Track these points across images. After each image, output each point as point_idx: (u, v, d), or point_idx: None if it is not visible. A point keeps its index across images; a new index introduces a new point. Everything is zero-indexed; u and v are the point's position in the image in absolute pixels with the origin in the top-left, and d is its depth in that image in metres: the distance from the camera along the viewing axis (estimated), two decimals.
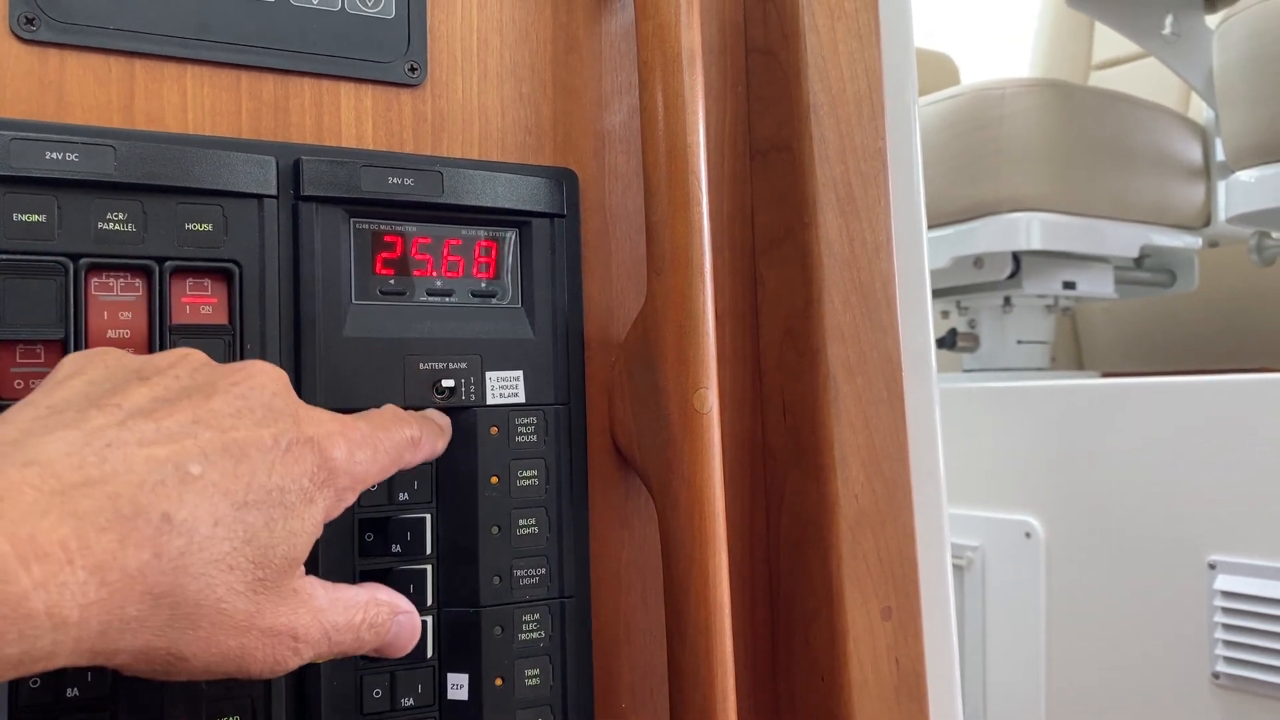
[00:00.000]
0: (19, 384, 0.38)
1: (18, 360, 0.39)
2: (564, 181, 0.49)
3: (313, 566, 0.41)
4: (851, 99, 0.52)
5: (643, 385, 0.47)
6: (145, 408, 0.32)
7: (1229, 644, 1.29)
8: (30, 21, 0.40)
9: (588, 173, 0.51)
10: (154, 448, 0.31)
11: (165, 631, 0.31)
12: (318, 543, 0.36)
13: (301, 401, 0.37)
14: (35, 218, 0.39)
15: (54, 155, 0.39)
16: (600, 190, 0.51)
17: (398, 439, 0.39)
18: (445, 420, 0.45)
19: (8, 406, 0.38)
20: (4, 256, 0.38)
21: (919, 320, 0.56)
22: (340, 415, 0.38)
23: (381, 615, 0.38)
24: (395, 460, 0.39)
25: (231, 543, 0.32)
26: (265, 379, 0.36)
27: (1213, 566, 1.30)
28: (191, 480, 0.31)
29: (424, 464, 0.45)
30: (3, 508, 0.27)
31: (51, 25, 0.41)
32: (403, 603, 0.39)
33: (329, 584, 0.37)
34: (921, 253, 0.57)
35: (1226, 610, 1.29)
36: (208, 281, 0.42)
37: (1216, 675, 1.30)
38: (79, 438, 0.30)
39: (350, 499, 0.37)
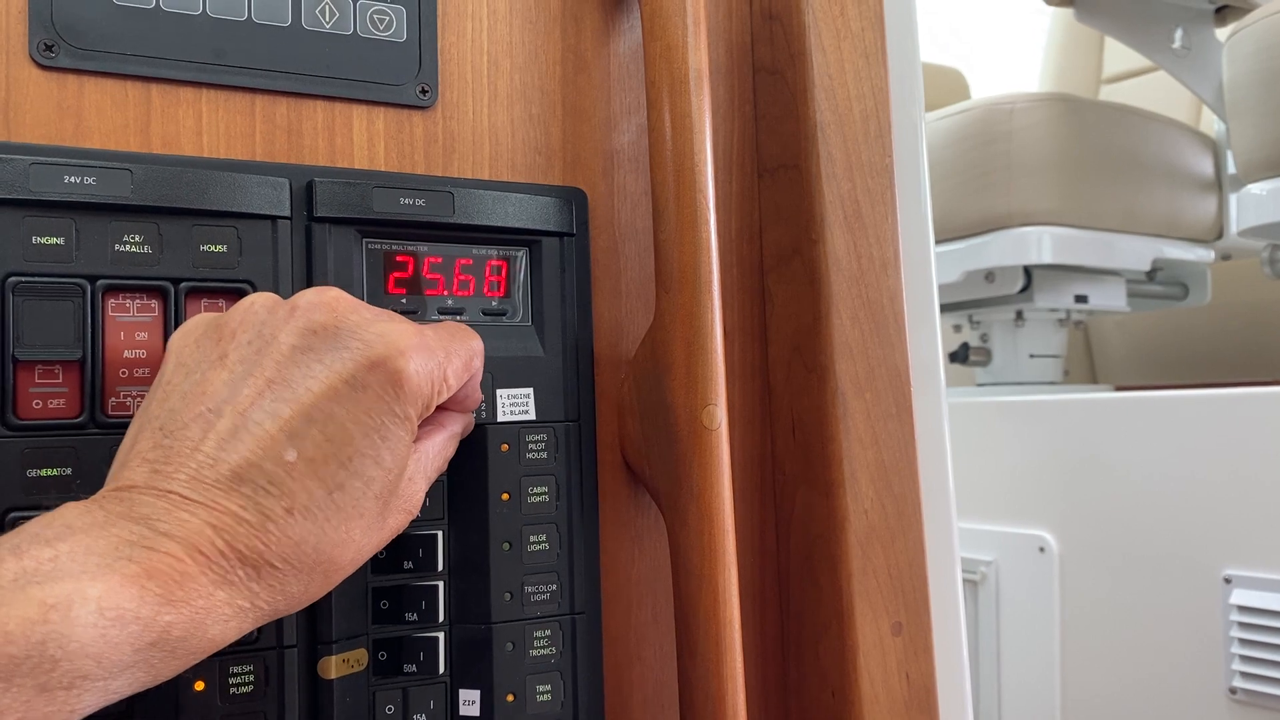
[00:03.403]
0: (38, 404, 0.39)
1: (36, 380, 0.39)
2: (573, 201, 0.50)
3: None
4: (858, 117, 0.53)
5: (652, 402, 0.48)
6: (227, 399, 0.35)
7: (1245, 659, 1.28)
8: (50, 48, 0.41)
9: (597, 192, 0.51)
10: (246, 448, 0.34)
11: (327, 580, 0.36)
12: None
13: (364, 314, 0.37)
14: (54, 240, 0.39)
15: (72, 179, 0.40)
16: (609, 209, 0.52)
17: (467, 347, 0.41)
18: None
19: (27, 426, 0.39)
20: (23, 278, 0.39)
21: (927, 335, 0.56)
22: (409, 323, 0.38)
23: (454, 445, 0.43)
24: (468, 365, 0.41)
25: (352, 496, 0.35)
26: (320, 312, 0.37)
27: (1228, 581, 1.30)
28: (292, 467, 0.34)
29: (435, 481, 0.45)
30: (172, 529, 0.32)
31: (70, 52, 0.42)
32: (469, 419, 0.44)
33: (421, 440, 0.40)
34: (929, 268, 0.57)
35: (1242, 625, 1.28)
36: (223, 302, 0.42)
37: (1233, 690, 1.29)
38: (191, 463, 0.34)
39: (440, 400, 0.39)
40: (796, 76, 0.53)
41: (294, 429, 0.34)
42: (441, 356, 0.38)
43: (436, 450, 0.41)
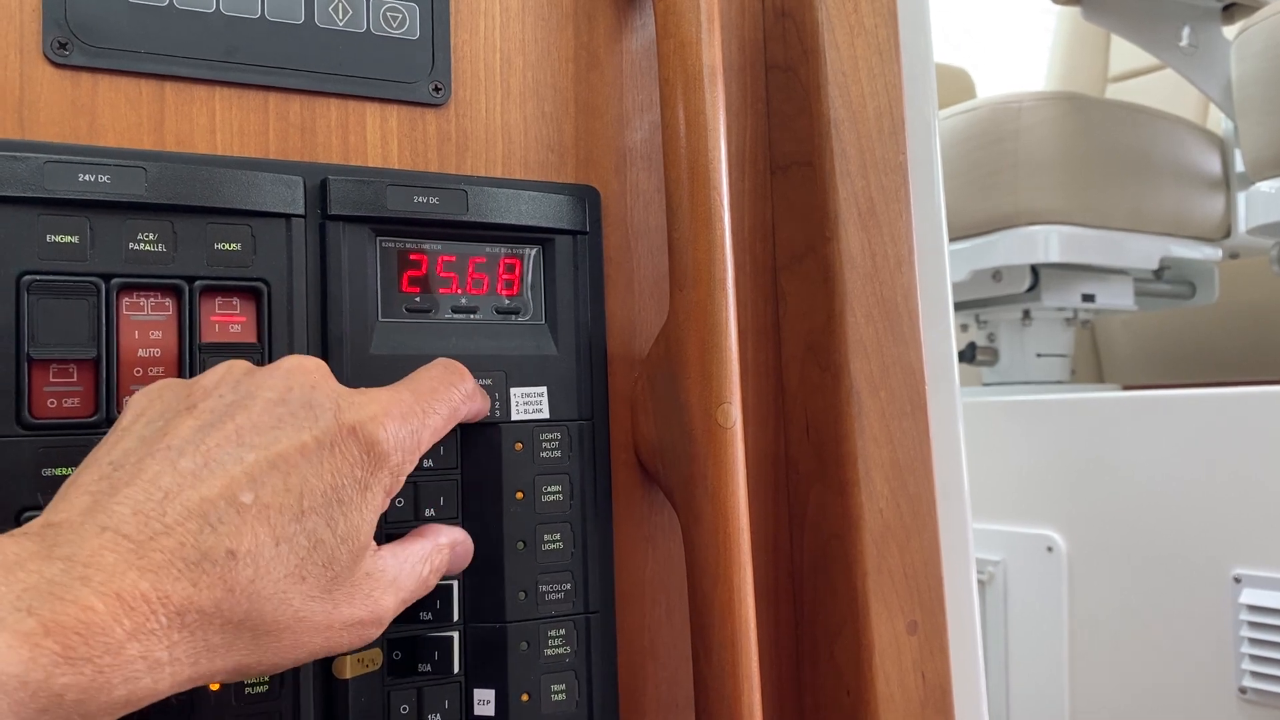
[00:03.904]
0: (52, 403, 0.39)
1: (51, 379, 0.39)
2: (586, 198, 0.50)
3: None
4: (872, 114, 0.52)
5: (666, 400, 0.47)
6: (193, 441, 0.34)
7: (1255, 658, 1.27)
8: (64, 46, 0.41)
9: (610, 190, 0.51)
10: (205, 486, 0.33)
11: (252, 649, 0.33)
12: None
13: (341, 387, 0.37)
14: (68, 239, 0.39)
15: (86, 177, 0.40)
16: (622, 207, 0.52)
17: (447, 401, 0.40)
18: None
19: (41, 425, 0.39)
20: (38, 277, 0.39)
21: (941, 333, 0.56)
22: (384, 390, 0.38)
23: (442, 557, 0.41)
24: (450, 419, 0.40)
25: (297, 554, 0.34)
26: (300, 375, 0.37)
27: (1238, 580, 1.29)
28: (246, 509, 0.33)
29: (449, 480, 0.45)
30: (90, 573, 0.30)
31: (84, 50, 0.41)
32: (457, 534, 0.43)
33: (396, 546, 0.39)
34: (943, 265, 0.57)
35: (1252, 624, 1.27)
36: (236, 300, 0.42)
37: (1243, 690, 1.29)
38: (139, 494, 0.32)
39: (409, 468, 0.38)
40: (809, 73, 0.52)
41: (256, 474, 0.33)
42: (417, 423, 0.38)
43: (417, 558, 0.39)
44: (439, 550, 0.41)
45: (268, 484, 0.34)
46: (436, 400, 0.40)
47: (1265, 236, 1.60)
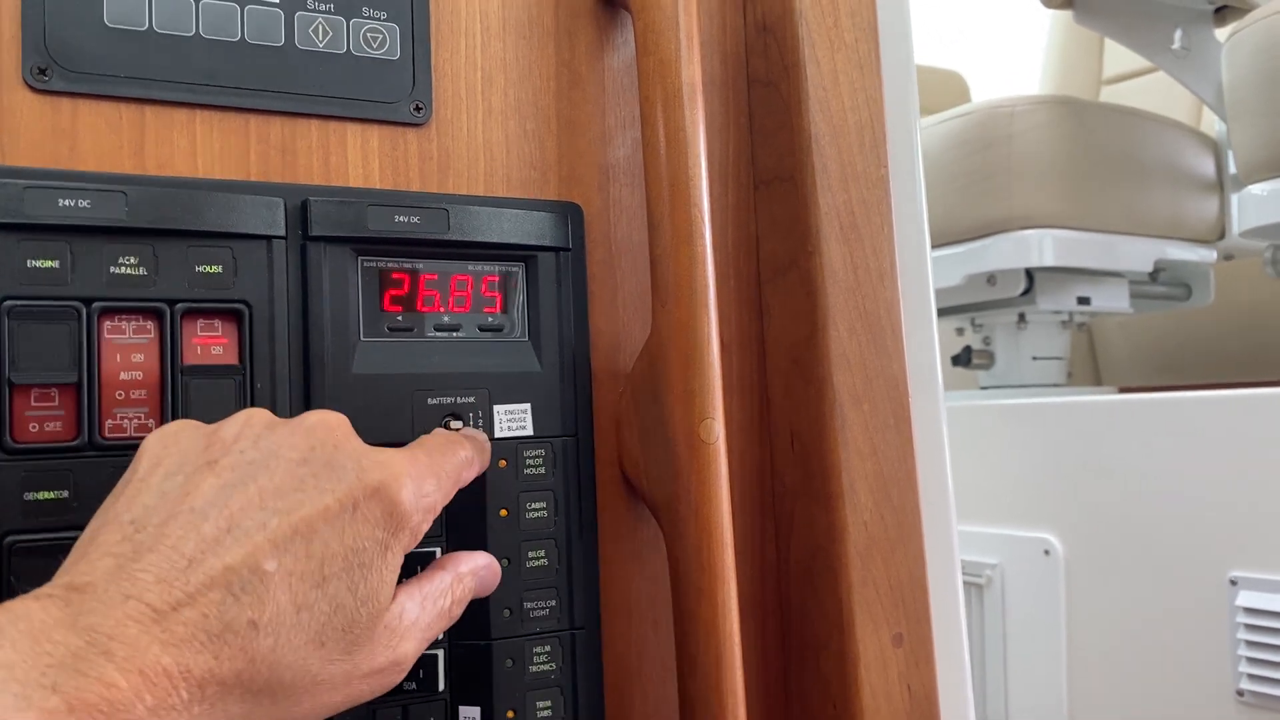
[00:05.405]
0: (34, 427, 0.39)
1: (33, 404, 0.39)
2: (569, 215, 0.50)
3: None
4: (853, 128, 0.53)
5: (650, 416, 0.48)
6: (215, 503, 0.34)
7: (1252, 661, 1.27)
8: (43, 72, 0.41)
9: (592, 206, 0.51)
10: (229, 553, 0.33)
11: (271, 713, 0.33)
12: None
13: (363, 445, 0.37)
14: (49, 263, 0.40)
15: (66, 202, 0.40)
16: (605, 223, 0.52)
17: (456, 462, 0.41)
18: (483, 436, 0.45)
19: (23, 450, 0.39)
20: (19, 302, 0.39)
21: (925, 345, 0.56)
22: (401, 451, 0.38)
23: (464, 586, 0.41)
24: (456, 482, 0.41)
25: (318, 621, 0.34)
26: (322, 433, 0.37)
27: (1234, 583, 1.29)
28: (268, 577, 0.33)
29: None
30: (114, 646, 0.30)
31: (64, 75, 0.42)
32: (480, 559, 0.42)
33: (414, 586, 0.38)
34: (926, 277, 0.57)
35: (1249, 627, 1.27)
36: (218, 322, 0.42)
37: (1241, 693, 1.28)
38: (163, 561, 0.32)
39: (426, 528, 0.38)
40: (790, 88, 0.53)
41: (279, 540, 0.33)
42: (432, 484, 0.38)
43: (438, 592, 0.39)
44: (459, 580, 0.41)
45: (291, 550, 0.34)
46: (446, 460, 0.40)
47: (1258, 239, 1.60)
